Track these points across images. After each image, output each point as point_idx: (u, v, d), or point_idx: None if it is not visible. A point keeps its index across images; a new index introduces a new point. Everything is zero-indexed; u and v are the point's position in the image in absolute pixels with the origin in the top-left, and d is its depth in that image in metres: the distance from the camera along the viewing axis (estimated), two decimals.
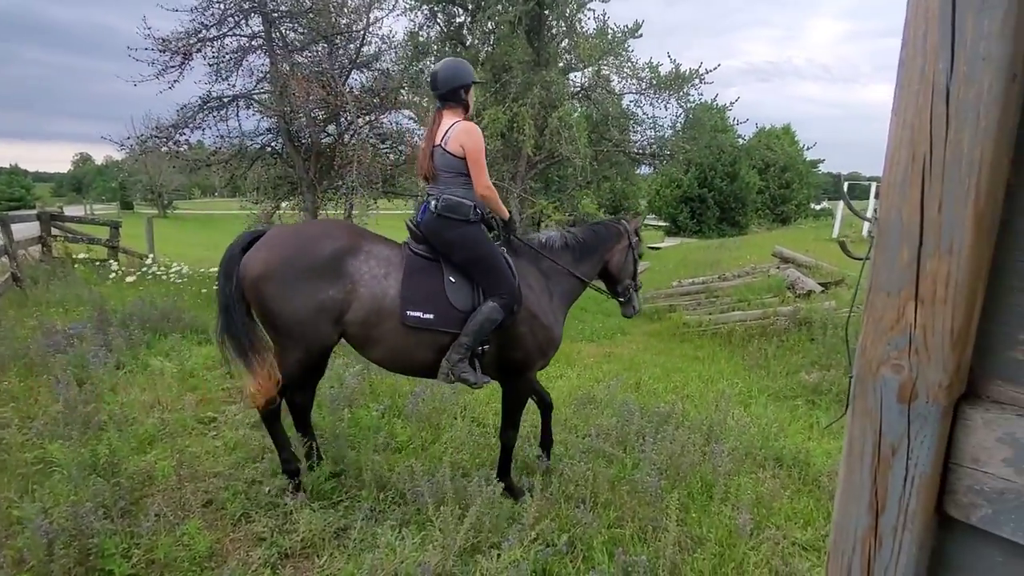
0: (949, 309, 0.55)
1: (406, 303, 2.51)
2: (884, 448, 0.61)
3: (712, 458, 3.55)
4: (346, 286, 2.47)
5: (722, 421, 4.45)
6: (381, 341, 2.56)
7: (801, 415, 4.93)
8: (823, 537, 2.98)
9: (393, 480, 3.04)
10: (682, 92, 8.03)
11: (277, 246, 2.48)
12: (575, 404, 4.65)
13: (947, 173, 0.54)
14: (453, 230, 2.63)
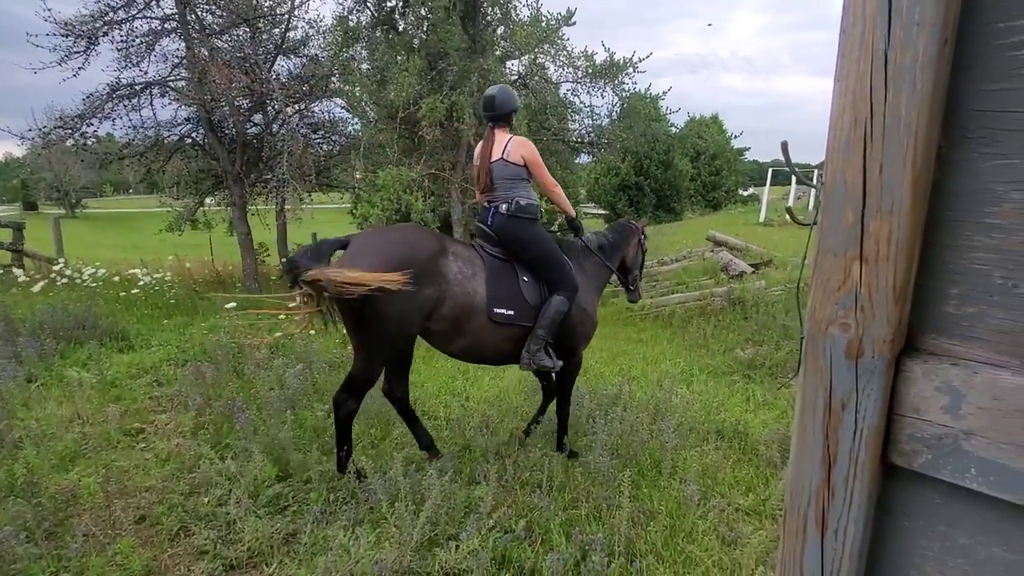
0: (891, 267, 0.58)
1: (492, 301, 2.78)
2: (834, 404, 0.64)
3: (659, 435, 3.68)
4: (441, 285, 2.66)
5: (667, 399, 4.61)
6: (468, 334, 2.81)
7: (738, 389, 5.19)
8: (763, 501, 3.16)
9: (343, 480, 2.94)
10: (617, 81, 8.18)
11: (381, 253, 2.57)
12: (526, 392, 4.68)
13: (887, 136, 0.56)
14: (526, 229, 2.94)
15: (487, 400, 4.54)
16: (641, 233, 3.86)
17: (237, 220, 9.20)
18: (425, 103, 6.80)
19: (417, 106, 7.17)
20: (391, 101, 7.63)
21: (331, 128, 9.40)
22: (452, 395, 4.67)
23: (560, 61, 8.25)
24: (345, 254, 2.60)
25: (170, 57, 9.06)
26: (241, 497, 2.70)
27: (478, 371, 5.58)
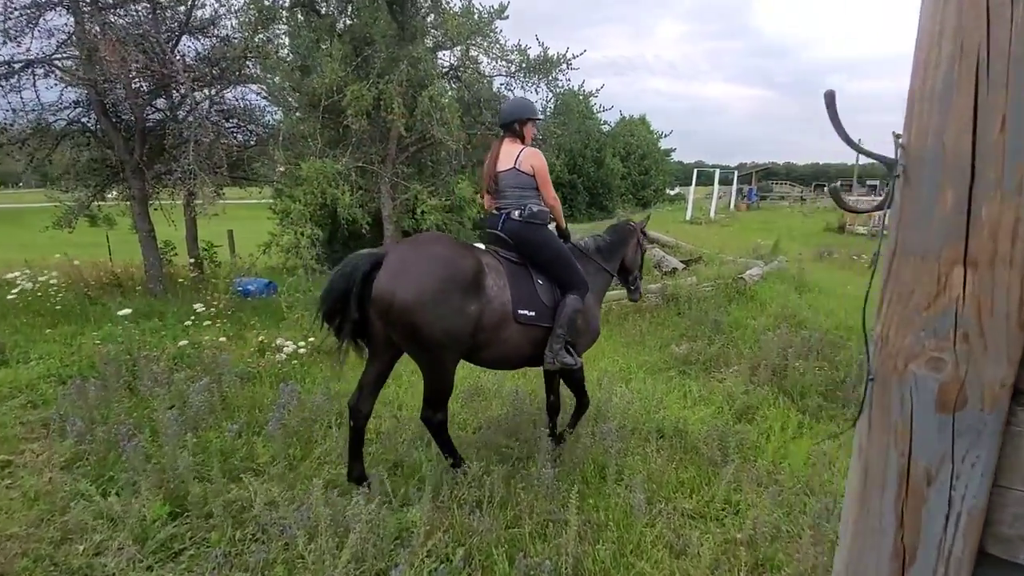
0: (1016, 274, 0.37)
1: (516, 303, 2.86)
2: (915, 475, 0.43)
3: (602, 439, 3.55)
4: (482, 299, 2.72)
5: (608, 400, 4.52)
6: (502, 342, 2.86)
7: (675, 386, 5.19)
8: (707, 503, 3.09)
9: (253, 514, 2.57)
10: (551, 77, 8.06)
11: (425, 272, 2.57)
12: (463, 397, 4.42)
13: (1015, 72, 0.36)
14: (538, 233, 3.07)
15: None
16: (640, 232, 3.94)
17: (138, 216, 8.27)
18: (350, 91, 6.35)
19: (341, 94, 6.70)
20: (313, 89, 7.11)
21: (246, 117, 8.65)
22: (383, 404, 4.33)
23: (493, 54, 8.03)
24: (386, 273, 2.55)
25: (56, 33, 8.00)
26: (124, 543, 2.28)
27: (413, 376, 5.26)
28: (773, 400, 4.67)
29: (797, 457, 3.68)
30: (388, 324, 2.58)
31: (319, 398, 3.79)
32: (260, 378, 4.67)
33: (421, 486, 2.89)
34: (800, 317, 6.14)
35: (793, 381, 4.87)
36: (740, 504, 3.08)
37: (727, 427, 3.98)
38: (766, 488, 3.26)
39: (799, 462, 3.62)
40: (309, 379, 4.74)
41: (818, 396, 4.62)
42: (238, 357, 4.94)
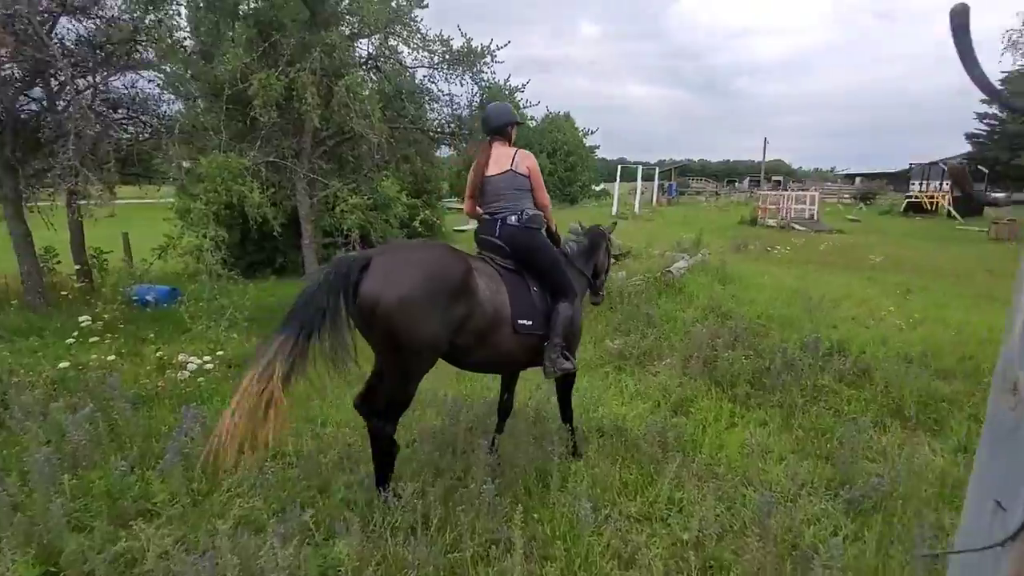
0: None
1: (516, 314, 2.85)
2: None
3: (543, 443, 3.41)
4: (470, 302, 2.68)
5: (546, 400, 4.39)
6: (490, 347, 2.81)
7: (612, 382, 5.16)
8: (651, 503, 3.02)
9: (145, 568, 2.18)
10: (476, 69, 7.83)
11: (418, 273, 2.52)
12: None
13: None
14: (535, 237, 3.09)
15: (348, 425, 3.91)
16: (608, 238, 4.04)
17: (10, 219, 7.22)
18: (257, 79, 5.81)
19: (248, 83, 6.13)
20: (215, 76, 6.47)
21: (138, 107, 7.76)
22: (305, 421, 3.96)
23: (414, 44, 7.66)
24: (374, 275, 2.47)
25: None
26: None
27: (339, 387, 4.89)
28: (706, 391, 4.74)
29: (732, 448, 3.71)
30: (369, 327, 2.49)
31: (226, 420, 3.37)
32: (158, 401, 4.13)
33: (349, 514, 2.61)
34: (725, 308, 6.33)
35: (723, 371, 4.97)
36: (683, 501, 3.04)
37: (665, 422, 3.96)
38: (706, 483, 3.25)
39: (735, 452, 3.65)
40: (218, 399, 4.25)
41: (746, 384, 4.73)
42: (132, 377, 4.36)
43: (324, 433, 3.75)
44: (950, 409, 4.12)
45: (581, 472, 3.10)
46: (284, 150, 6.81)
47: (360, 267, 2.48)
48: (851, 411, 4.28)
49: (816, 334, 5.14)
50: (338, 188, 6.32)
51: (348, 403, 4.47)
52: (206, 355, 4.63)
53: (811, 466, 3.47)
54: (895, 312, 5.69)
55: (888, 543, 2.66)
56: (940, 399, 4.24)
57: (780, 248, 11.33)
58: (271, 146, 6.77)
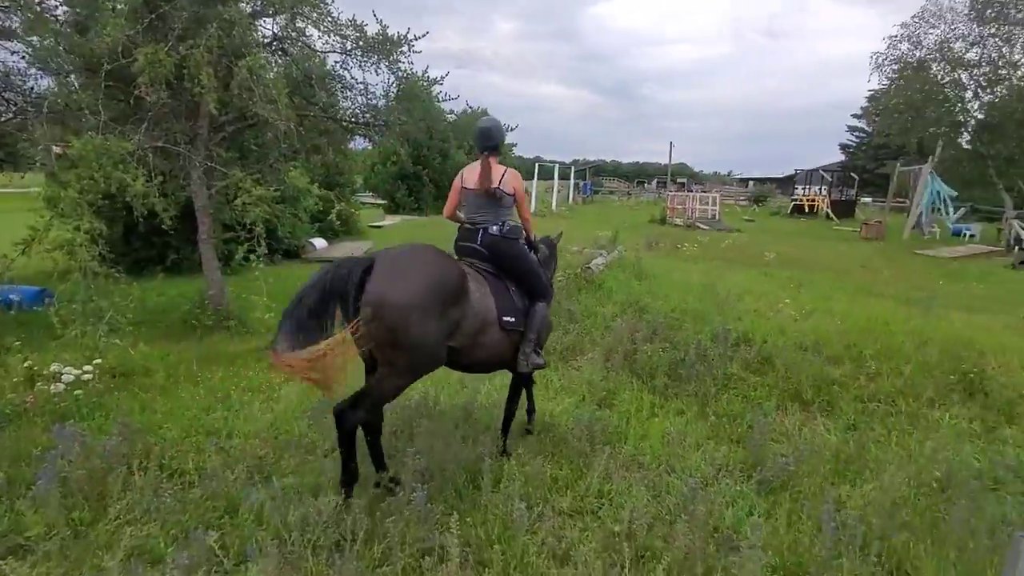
0: None
1: (501, 312, 3.06)
2: None
3: (473, 443, 3.32)
4: (463, 304, 2.84)
5: (473, 399, 4.31)
6: (484, 346, 3.01)
7: (537, 377, 5.16)
8: (582, 498, 3.04)
9: None
10: (393, 58, 7.52)
11: (421, 276, 2.65)
12: (312, 414, 3.86)
13: None
14: (515, 246, 3.34)
15: (258, 435, 3.59)
16: (556, 246, 4.30)
17: None
18: (143, 54, 5.17)
19: (132, 58, 5.45)
20: (91, 50, 5.70)
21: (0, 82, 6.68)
22: (207, 434, 3.58)
23: (325, 27, 7.21)
24: (380, 276, 2.57)
25: None
26: None
27: (244, 395, 4.49)
28: (627, 384, 4.88)
29: (655, 437, 3.84)
30: (374, 326, 2.52)
31: (114, 439, 2.96)
32: (27, 419, 3.56)
33: (262, 534, 2.37)
34: (642, 303, 6.57)
35: (642, 364, 5.14)
36: (612, 493, 3.08)
37: (592, 416, 4.01)
38: (633, 473, 3.33)
39: (657, 442, 3.77)
40: (100, 414, 3.74)
41: (664, 376, 4.93)
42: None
43: (230, 446, 3.41)
44: (840, 392, 4.53)
45: (513, 471, 3.04)
46: (176, 135, 6.15)
47: (363, 269, 2.58)
48: (757, 397, 4.60)
49: (726, 326, 5.46)
50: (240, 178, 5.80)
51: (256, 411, 4.14)
52: (84, 364, 4.06)
53: (726, 451, 3.67)
54: (790, 304, 6.20)
55: (796, 519, 2.85)
56: (831, 383, 4.65)
57: (687, 246, 12.02)
58: (160, 130, 6.10)
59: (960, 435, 3.87)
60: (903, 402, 4.36)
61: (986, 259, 12.54)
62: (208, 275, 6.92)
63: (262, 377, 5.09)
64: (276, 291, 8.98)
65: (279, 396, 4.53)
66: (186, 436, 3.50)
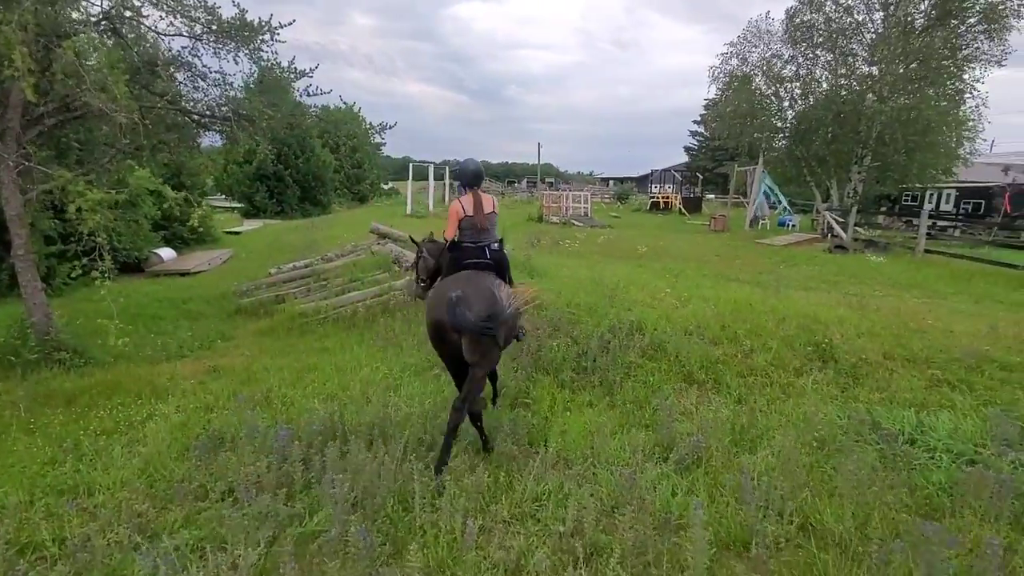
0: None
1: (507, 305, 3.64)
2: None
3: (398, 462, 3.08)
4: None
5: (384, 415, 4.02)
6: (507, 332, 3.73)
7: (445, 384, 5.00)
8: (519, 503, 2.96)
9: None
10: (253, 46, 6.79)
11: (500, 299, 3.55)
12: (197, 452, 3.31)
13: None
14: (506, 258, 4.14)
15: (127, 485, 2.99)
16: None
17: None
18: None
19: None
20: None
21: None
22: (58, 493, 2.89)
23: (167, 6, 6.29)
24: (481, 300, 3.40)
25: None
26: None
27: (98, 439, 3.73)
28: (537, 380, 4.91)
29: (575, 432, 3.89)
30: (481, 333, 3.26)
31: None
32: None
33: None
34: (539, 300, 6.67)
35: (548, 360, 5.21)
36: (549, 494, 3.05)
37: (513, 417, 3.96)
38: (562, 471, 3.33)
39: (578, 437, 3.83)
40: None
41: (570, 370, 5.04)
42: None
43: (94, 505, 2.79)
44: (723, 369, 4.99)
45: (450, 487, 2.87)
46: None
47: (457, 297, 3.19)
48: (656, 382, 4.88)
49: (620, 318, 5.74)
50: (68, 180, 4.81)
51: (117, 458, 3.45)
52: None
53: (642, 437, 3.83)
54: (670, 293, 6.71)
55: (718, 493, 3.05)
56: (715, 362, 5.10)
57: (568, 242, 12.54)
58: None
59: (824, 398, 4.46)
60: (775, 374, 4.92)
61: (808, 245, 14.85)
62: (28, 299, 5.69)
63: (118, 415, 4.29)
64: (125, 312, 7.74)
65: (144, 436, 3.85)
66: (31, 500, 2.79)
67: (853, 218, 14.45)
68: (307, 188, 22.61)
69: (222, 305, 8.21)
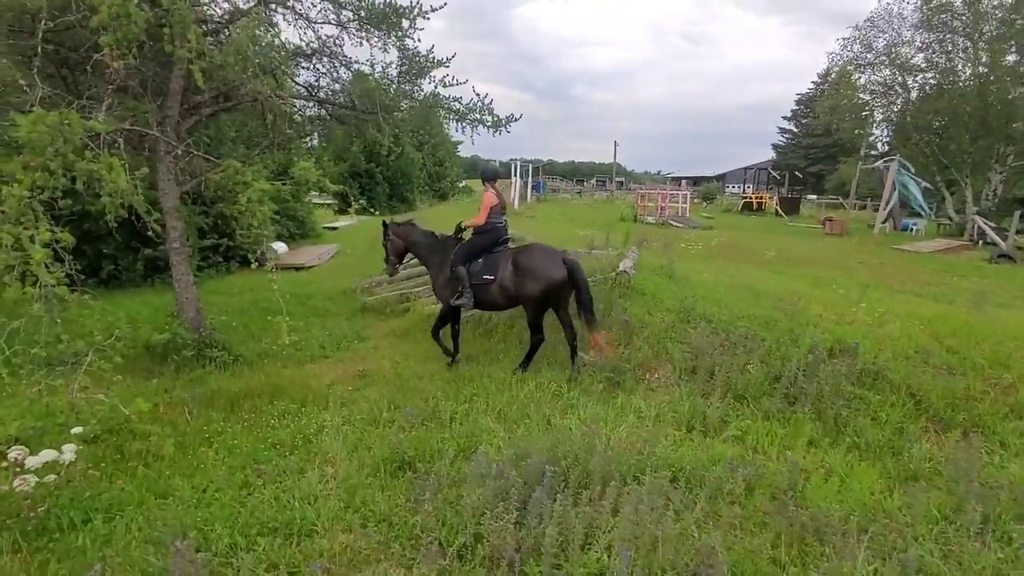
0: None
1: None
2: None
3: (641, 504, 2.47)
4: None
5: (589, 443, 3.43)
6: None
7: (620, 405, 4.37)
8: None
9: None
10: (401, 32, 6.43)
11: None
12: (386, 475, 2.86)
13: None
14: None
15: (347, 526, 2.54)
16: None
17: None
18: (105, 4, 3.85)
19: (83, 13, 4.13)
20: (22, 2, 4.33)
21: None
22: (270, 532, 2.49)
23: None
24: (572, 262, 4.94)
25: None
26: None
27: (279, 456, 3.38)
28: (734, 408, 4.21)
29: (822, 483, 3.16)
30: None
31: None
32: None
33: None
34: (699, 311, 5.91)
35: (742, 383, 4.48)
36: None
37: (744, 461, 3.28)
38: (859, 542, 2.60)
39: (832, 491, 3.09)
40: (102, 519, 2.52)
41: (777, 398, 4.30)
42: None
43: (318, 553, 2.35)
44: (980, 408, 4.06)
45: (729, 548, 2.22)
46: (148, 116, 4.81)
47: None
48: (891, 418, 4.04)
49: (813, 336, 4.91)
50: (239, 170, 4.56)
51: (312, 483, 3.04)
52: (52, 434, 2.82)
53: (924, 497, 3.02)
54: (862, 308, 5.75)
55: None
56: (964, 397, 4.18)
57: (683, 244, 11.59)
58: (121, 108, 4.74)
59: None
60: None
61: (957, 254, 13.03)
62: (181, 293, 5.57)
63: (289, 425, 3.99)
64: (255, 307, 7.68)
65: (323, 452, 3.47)
66: (246, 542, 2.39)
67: (1016, 223, 12.56)
68: (395, 185, 22.80)
69: (346, 303, 7.99)
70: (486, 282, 4.91)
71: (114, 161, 3.58)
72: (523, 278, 4.77)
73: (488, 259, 4.99)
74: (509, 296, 4.92)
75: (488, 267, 4.94)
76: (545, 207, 26.13)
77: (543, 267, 4.74)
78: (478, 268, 4.97)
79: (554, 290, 4.73)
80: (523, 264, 4.82)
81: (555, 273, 4.70)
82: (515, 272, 4.81)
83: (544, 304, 4.85)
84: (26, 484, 2.39)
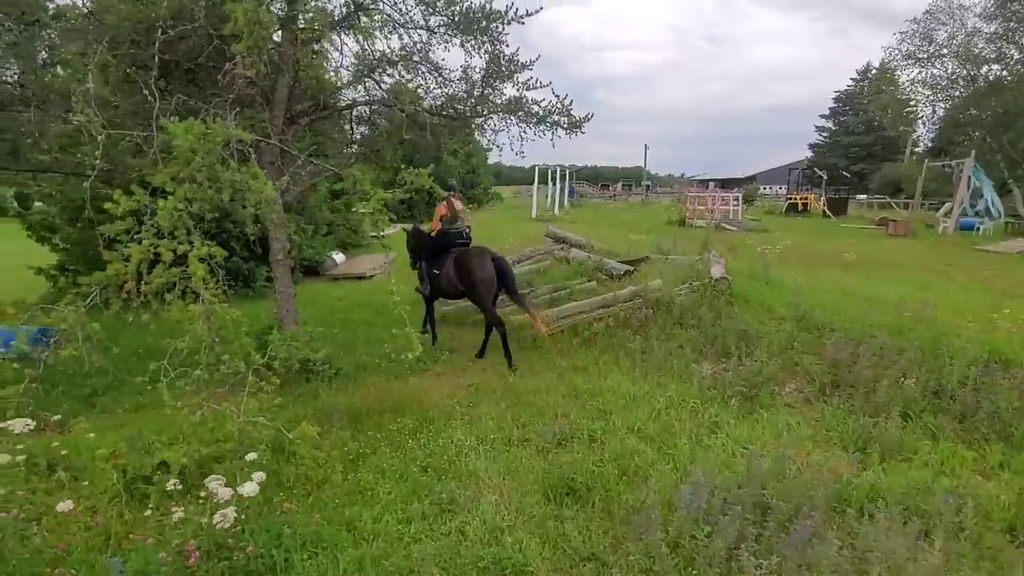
0: None
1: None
2: None
3: None
4: None
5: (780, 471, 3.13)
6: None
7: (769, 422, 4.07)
8: None
9: None
10: (491, 36, 6.25)
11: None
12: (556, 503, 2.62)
13: None
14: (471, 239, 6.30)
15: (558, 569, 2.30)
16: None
17: None
18: (241, 11, 3.72)
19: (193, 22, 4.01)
20: (148, 12, 4.26)
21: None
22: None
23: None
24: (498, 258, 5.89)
25: None
26: None
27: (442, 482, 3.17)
28: (905, 428, 3.86)
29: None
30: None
31: None
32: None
33: None
34: (818, 319, 5.56)
35: (902, 401, 4.13)
36: None
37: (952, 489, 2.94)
38: None
39: None
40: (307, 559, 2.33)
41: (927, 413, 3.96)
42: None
43: None
44: None
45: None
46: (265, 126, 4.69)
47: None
48: None
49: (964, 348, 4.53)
50: (357, 178, 4.40)
51: (487, 513, 2.82)
52: (226, 461, 2.64)
53: None
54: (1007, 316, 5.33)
55: None
56: None
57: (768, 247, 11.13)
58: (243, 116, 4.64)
59: None
60: None
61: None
62: (283, 305, 5.45)
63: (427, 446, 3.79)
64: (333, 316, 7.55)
65: (475, 476, 3.25)
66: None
67: None
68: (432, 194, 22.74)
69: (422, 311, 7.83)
70: (435, 276, 6.03)
71: (258, 170, 3.44)
72: (460, 272, 5.72)
73: (441, 257, 6.00)
74: (455, 286, 5.85)
75: (439, 264, 5.97)
76: (582, 212, 25.82)
77: (473, 264, 5.62)
78: (434, 264, 6.07)
79: (485, 282, 5.57)
80: (460, 261, 5.75)
81: (481, 270, 5.57)
82: (455, 268, 5.78)
83: (480, 293, 5.63)
84: (225, 520, 2.20)
